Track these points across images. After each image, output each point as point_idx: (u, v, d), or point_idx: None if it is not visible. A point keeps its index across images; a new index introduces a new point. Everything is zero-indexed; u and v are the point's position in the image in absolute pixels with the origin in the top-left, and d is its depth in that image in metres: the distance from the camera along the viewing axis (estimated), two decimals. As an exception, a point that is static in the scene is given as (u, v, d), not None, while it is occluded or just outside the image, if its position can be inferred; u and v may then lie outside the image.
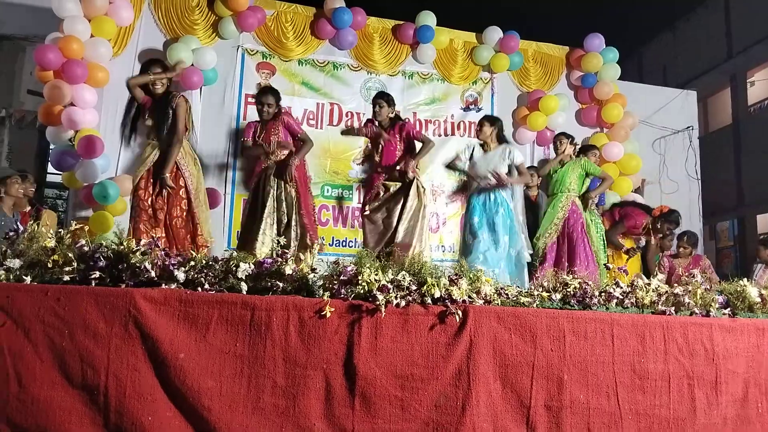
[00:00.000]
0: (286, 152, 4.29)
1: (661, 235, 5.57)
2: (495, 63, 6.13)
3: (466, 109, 6.11)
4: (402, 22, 5.93)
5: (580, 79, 6.39)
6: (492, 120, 4.71)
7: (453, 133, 6.02)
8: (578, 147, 5.46)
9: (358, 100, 5.80)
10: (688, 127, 7.03)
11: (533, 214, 5.17)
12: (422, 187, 4.54)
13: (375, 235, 4.48)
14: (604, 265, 4.74)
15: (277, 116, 4.35)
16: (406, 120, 4.84)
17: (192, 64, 5.16)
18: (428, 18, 5.87)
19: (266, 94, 4.37)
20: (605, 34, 6.39)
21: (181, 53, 5.09)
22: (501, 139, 4.60)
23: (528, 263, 4.54)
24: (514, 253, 4.43)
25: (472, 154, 4.63)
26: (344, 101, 5.76)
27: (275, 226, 4.20)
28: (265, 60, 5.57)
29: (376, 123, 4.54)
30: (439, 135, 5.95)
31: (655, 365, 2.69)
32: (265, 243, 4.10)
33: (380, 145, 4.50)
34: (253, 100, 5.38)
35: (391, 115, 4.54)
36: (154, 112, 4.09)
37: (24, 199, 5.00)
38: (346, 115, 5.73)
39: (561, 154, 5.13)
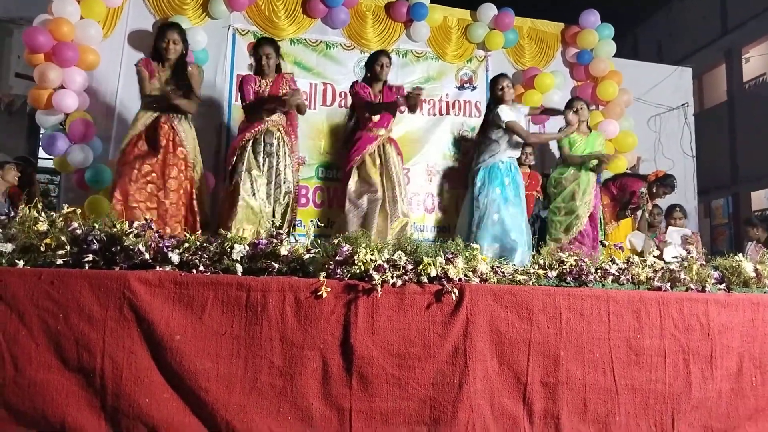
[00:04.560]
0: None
1: (655, 202, 5.61)
2: (490, 40, 6.06)
3: (461, 87, 6.05)
4: (395, 0, 5.85)
5: (576, 56, 6.33)
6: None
7: (448, 113, 5.96)
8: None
9: (352, 79, 5.72)
10: (684, 104, 7.00)
11: None
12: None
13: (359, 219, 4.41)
14: (600, 242, 4.74)
15: (279, 72, 4.22)
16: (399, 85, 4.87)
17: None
18: (422, -5, 5.79)
19: (263, 44, 4.23)
20: (601, 10, 6.32)
21: (171, 34, 5.01)
22: None
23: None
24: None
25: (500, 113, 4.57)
26: (337, 81, 5.69)
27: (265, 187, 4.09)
28: (256, 40, 5.49)
29: (369, 89, 4.52)
30: (434, 114, 5.90)
31: (650, 341, 2.71)
32: (256, 197, 4.01)
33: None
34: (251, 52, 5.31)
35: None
36: (165, 80, 3.96)
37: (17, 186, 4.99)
38: (340, 95, 5.67)
39: (582, 122, 4.89)
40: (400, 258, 2.45)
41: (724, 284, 3.05)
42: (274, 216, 4.09)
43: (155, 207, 3.74)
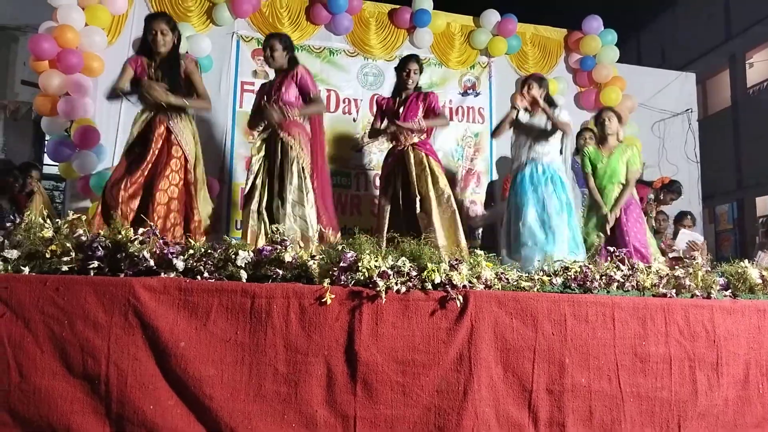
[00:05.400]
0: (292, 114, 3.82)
1: (661, 208, 5.59)
2: (493, 47, 6.08)
3: (464, 93, 6.07)
4: (398, 6, 5.88)
5: (579, 62, 6.35)
6: (540, 80, 4.22)
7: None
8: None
9: (355, 86, 5.77)
10: (687, 109, 7.01)
11: None
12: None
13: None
14: (605, 248, 4.71)
15: (289, 69, 3.90)
16: (430, 92, 4.45)
17: (186, 52, 5.11)
18: (425, 2, 5.81)
19: (271, 38, 4.00)
20: (603, 16, 6.34)
21: (175, 41, 5.04)
22: (549, 102, 4.12)
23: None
24: (571, 235, 3.92)
25: (516, 120, 4.17)
26: (341, 87, 5.72)
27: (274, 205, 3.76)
28: (260, 47, 5.51)
29: (390, 100, 4.31)
30: (437, 120, 5.91)
31: (656, 348, 2.69)
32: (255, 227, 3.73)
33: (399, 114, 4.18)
34: (250, 87, 5.36)
35: (418, 85, 4.30)
36: (159, 77, 3.61)
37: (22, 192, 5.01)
38: (343, 102, 5.70)
39: (608, 135, 4.40)
40: (404, 264, 2.44)
41: (729, 291, 3.04)
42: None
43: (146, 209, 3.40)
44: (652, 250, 4.46)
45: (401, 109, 4.20)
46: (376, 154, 5.56)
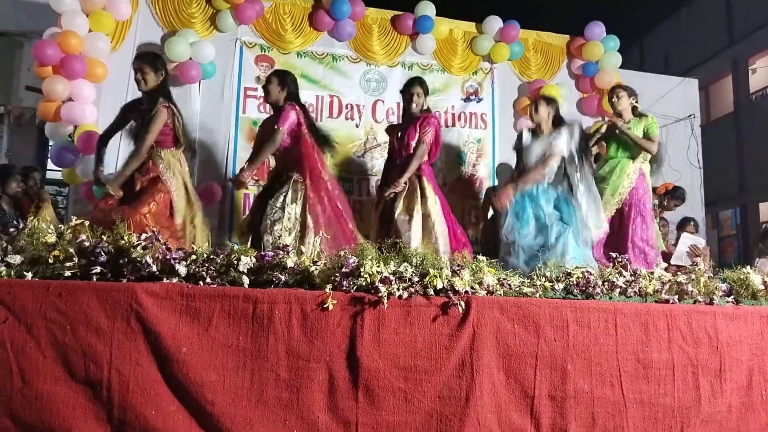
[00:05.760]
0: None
1: (663, 215, 5.59)
2: (495, 53, 6.09)
3: (467, 99, 6.08)
4: (401, 13, 5.89)
5: (581, 68, 6.35)
6: (549, 100, 4.19)
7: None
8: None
9: (358, 92, 5.78)
10: (690, 115, 7.01)
11: None
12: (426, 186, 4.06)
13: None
14: (608, 255, 4.69)
15: (289, 103, 3.84)
16: (435, 113, 4.26)
17: (190, 58, 5.13)
18: (427, 8, 5.83)
19: (269, 76, 3.97)
20: (606, 22, 6.34)
21: (179, 47, 5.06)
22: (558, 123, 4.06)
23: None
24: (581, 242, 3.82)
25: (520, 140, 4.16)
26: (344, 93, 5.73)
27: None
28: (263, 53, 5.54)
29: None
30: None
31: (659, 354, 2.68)
32: None
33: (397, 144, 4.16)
34: (253, 93, 5.39)
35: (425, 107, 4.16)
36: (138, 117, 3.67)
37: (25, 196, 5.02)
38: (346, 107, 5.71)
39: (622, 110, 4.47)
40: (406, 270, 2.44)
41: (732, 297, 3.03)
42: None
43: None
44: (653, 242, 4.39)
45: (401, 136, 4.20)
46: (378, 159, 5.56)
